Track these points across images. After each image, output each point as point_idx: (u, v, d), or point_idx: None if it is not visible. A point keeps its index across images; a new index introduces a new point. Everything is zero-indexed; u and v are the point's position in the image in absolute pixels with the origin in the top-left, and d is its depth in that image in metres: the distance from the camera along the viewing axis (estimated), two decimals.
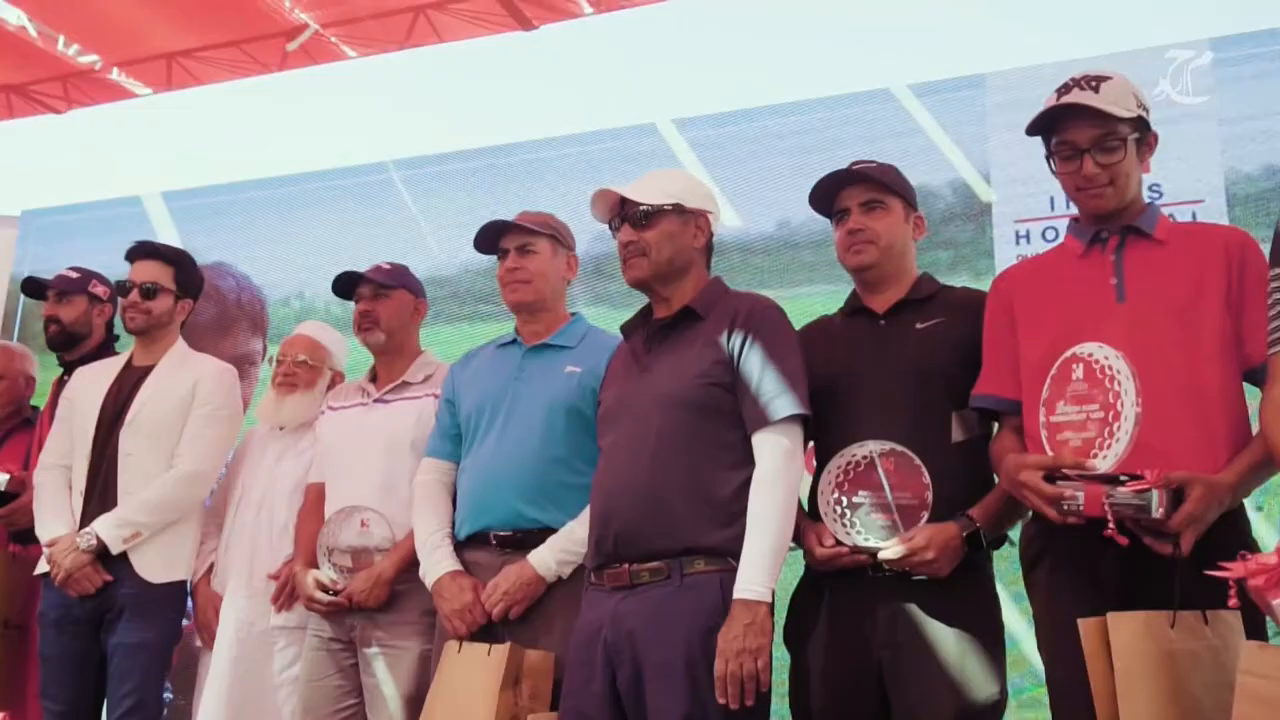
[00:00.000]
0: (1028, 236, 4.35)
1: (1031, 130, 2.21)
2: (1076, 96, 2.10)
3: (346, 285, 3.10)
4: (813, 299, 4.19)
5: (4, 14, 6.01)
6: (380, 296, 3.06)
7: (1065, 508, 1.90)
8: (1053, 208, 4.33)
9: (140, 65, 6.42)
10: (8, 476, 3.38)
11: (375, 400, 3.04)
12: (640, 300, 2.55)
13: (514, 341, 2.82)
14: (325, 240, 5.44)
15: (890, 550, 2.15)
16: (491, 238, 2.80)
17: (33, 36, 6.26)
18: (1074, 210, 2.31)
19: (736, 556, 2.18)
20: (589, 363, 2.66)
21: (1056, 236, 4.27)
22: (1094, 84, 2.09)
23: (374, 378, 3.11)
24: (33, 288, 3.56)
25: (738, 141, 4.83)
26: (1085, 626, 1.86)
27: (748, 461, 2.26)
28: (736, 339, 2.31)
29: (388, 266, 3.12)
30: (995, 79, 4.54)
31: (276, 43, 6.10)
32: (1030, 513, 2.14)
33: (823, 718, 2.21)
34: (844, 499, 2.22)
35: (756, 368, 2.28)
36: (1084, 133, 2.11)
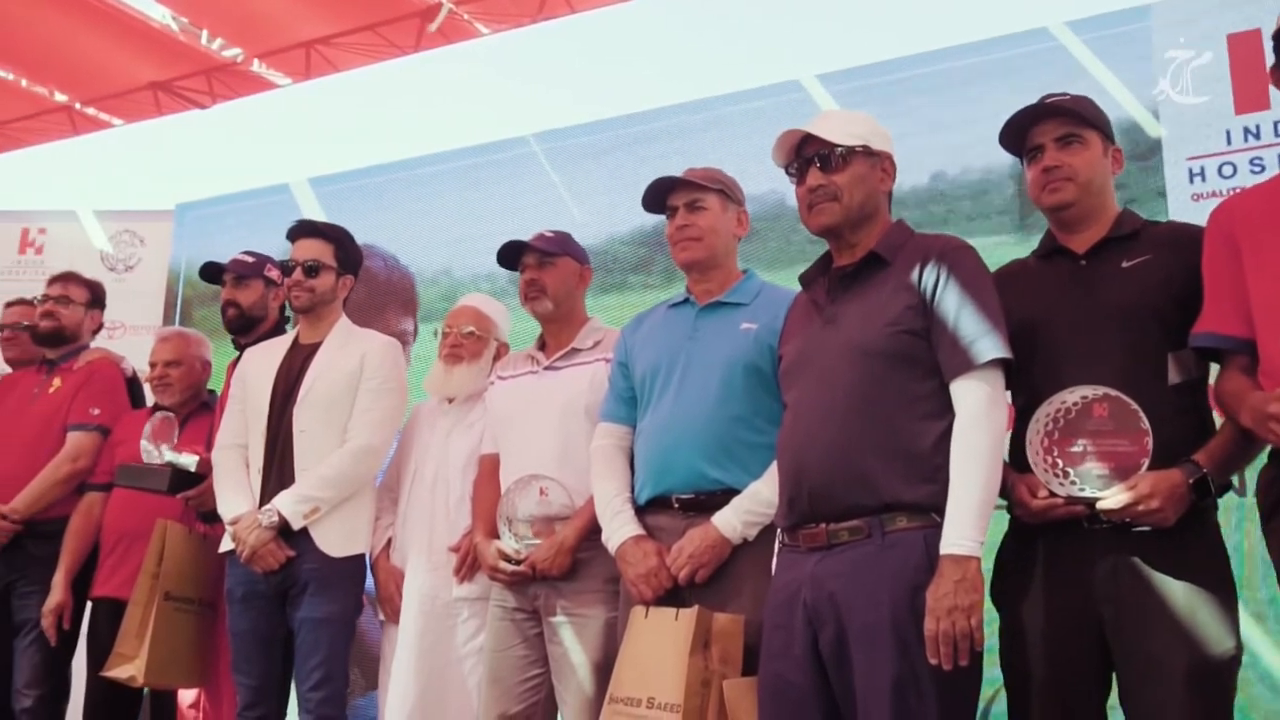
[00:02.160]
0: (1202, 174, 4.11)
1: None
2: None
3: (511, 255, 3.08)
4: None
5: (150, 12, 6.19)
6: (545, 265, 3.03)
7: None
8: (1229, 142, 4.08)
9: (279, 55, 6.56)
10: (196, 458, 3.45)
11: (546, 368, 3.01)
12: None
13: (686, 301, 2.76)
14: (470, 217, 5.46)
15: (1112, 500, 2.02)
16: (659, 196, 2.75)
17: (176, 33, 6.43)
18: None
19: (940, 512, 2.08)
20: (765, 318, 2.59)
21: (1234, 173, 4.04)
22: None
23: (543, 346, 3.09)
24: (210, 273, 3.64)
25: (888, 92, 4.66)
26: None
27: (946, 411, 2.15)
28: (929, 280, 2.20)
29: (551, 234, 3.09)
30: (1160, 9, 4.29)
31: (411, 24, 6.16)
32: (1267, 454, 2.00)
33: (1042, 678, 2.11)
34: (1056, 448, 2.11)
35: (953, 310, 2.17)
36: None
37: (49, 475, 3.73)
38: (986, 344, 2.13)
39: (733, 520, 2.47)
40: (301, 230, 3.40)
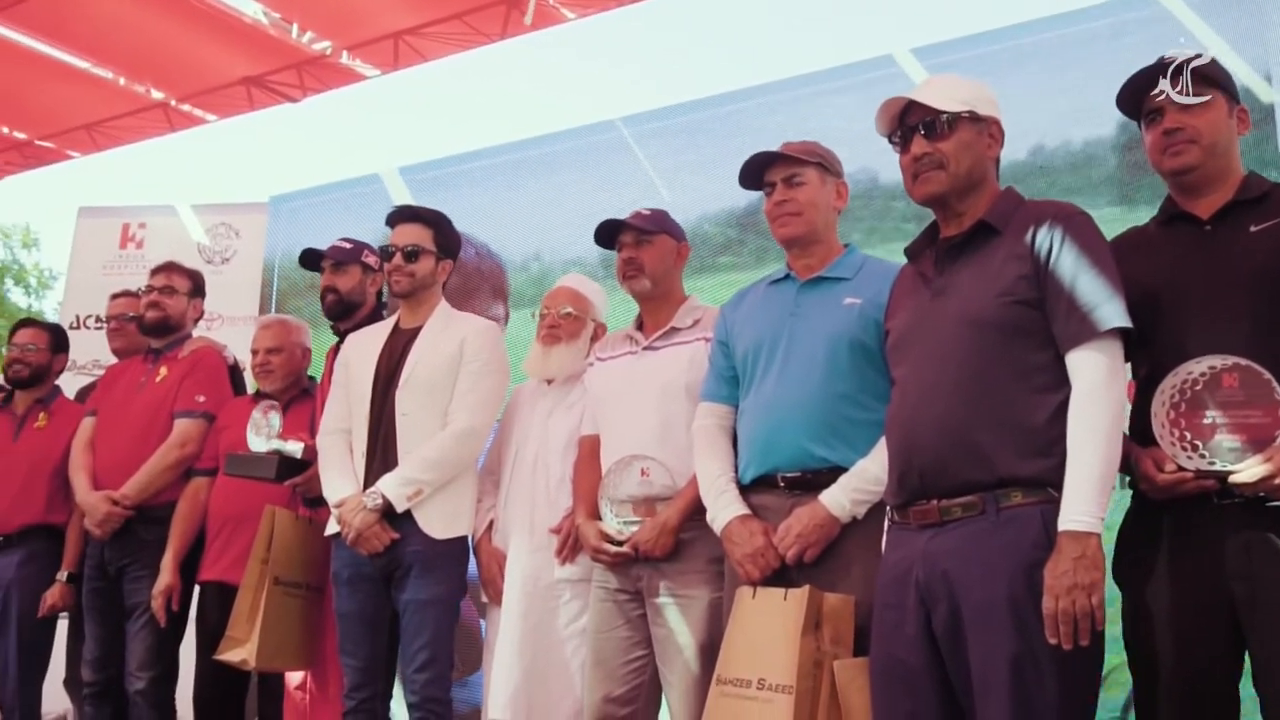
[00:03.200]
0: None
1: None
2: None
3: (608, 233, 3.06)
4: None
5: (242, 8, 6.29)
6: (643, 243, 3.01)
7: None
8: None
9: (368, 47, 6.63)
10: (303, 445, 3.49)
11: (644, 348, 2.99)
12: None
13: (787, 277, 2.72)
14: (559, 202, 5.46)
15: (1247, 473, 1.94)
16: (755, 172, 2.70)
17: (267, 28, 6.53)
18: None
19: (1057, 487, 2.01)
20: (869, 293, 2.54)
21: None
22: None
23: (641, 326, 3.07)
24: (308, 259, 3.69)
25: (983, 65, 4.53)
26: None
27: (1061, 384, 2.07)
28: (1042, 248, 2.12)
29: (647, 212, 3.06)
30: None
31: (497, 12, 6.17)
32: None
33: (1171, 660, 2.03)
34: (1183, 420, 2.03)
35: (1068, 278, 2.08)
36: None
37: (158, 461, 3.81)
38: (1105, 312, 2.05)
39: (841, 499, 2.43)
40: (400, 215, 3.41)
